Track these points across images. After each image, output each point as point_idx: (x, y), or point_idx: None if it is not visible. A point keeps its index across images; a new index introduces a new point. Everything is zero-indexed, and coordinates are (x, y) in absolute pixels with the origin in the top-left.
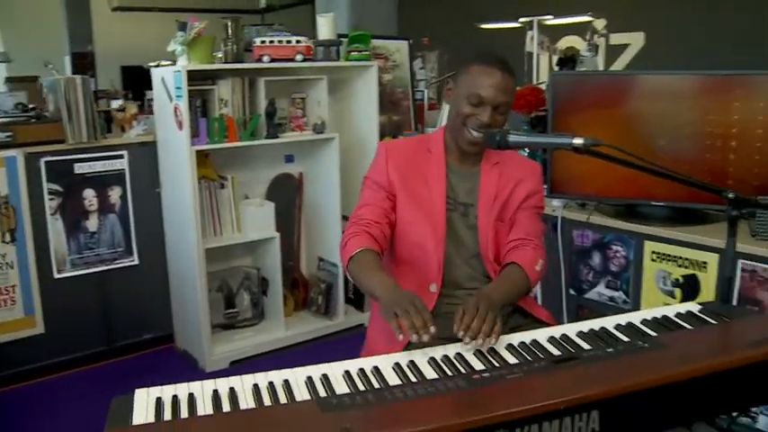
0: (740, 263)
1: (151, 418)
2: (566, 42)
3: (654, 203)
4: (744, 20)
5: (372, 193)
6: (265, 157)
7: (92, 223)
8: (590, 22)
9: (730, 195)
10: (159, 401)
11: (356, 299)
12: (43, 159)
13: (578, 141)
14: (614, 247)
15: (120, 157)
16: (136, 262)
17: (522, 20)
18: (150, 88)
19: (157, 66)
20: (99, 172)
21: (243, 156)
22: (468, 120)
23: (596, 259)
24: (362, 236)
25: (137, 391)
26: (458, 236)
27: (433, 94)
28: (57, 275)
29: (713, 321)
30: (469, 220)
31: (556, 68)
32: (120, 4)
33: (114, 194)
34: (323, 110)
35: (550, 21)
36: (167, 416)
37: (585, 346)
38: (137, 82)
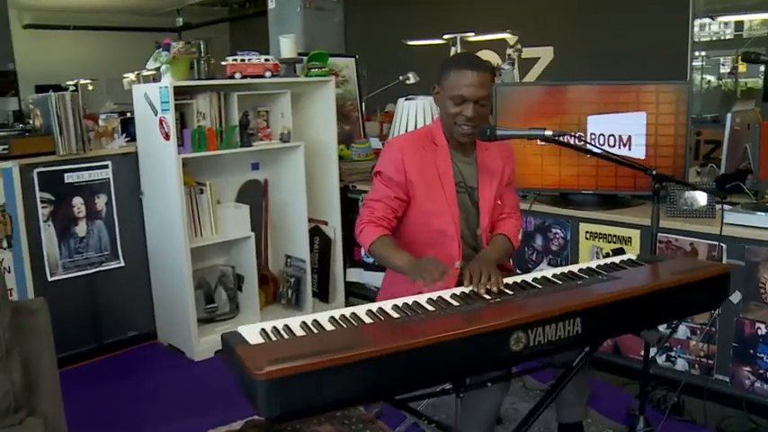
0: (658, 235)
1: (262, 341)
2: (481, 56)
3: (584, 192)
4: (635, 36)
5: (385, 189)
6: (234, 165)
7: (81, 229)
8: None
9: (654, 173)
10: (263, 331)
11: (320, 292)
12: (36, 170)
13: (548, 133)
14: (554, 230)
15: (106, 167)
16: (121, 264)
17: (446, 37)
18: None
19: (76, 84)
20: (86, 181)
21: (215, 164)
22: (456, 117)
23: (539, 241)
24: (377, 227)
25: (239, 328)
26: (467, 215)
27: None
28: (50, 278)
29: (647, 263)
30: (474, 199)
31: None
32: (32, 22)
33: (100, 202)
34: (287, 121)
35: (472, 37)
36: (274, 338)
37: (560, 282)
38: None
